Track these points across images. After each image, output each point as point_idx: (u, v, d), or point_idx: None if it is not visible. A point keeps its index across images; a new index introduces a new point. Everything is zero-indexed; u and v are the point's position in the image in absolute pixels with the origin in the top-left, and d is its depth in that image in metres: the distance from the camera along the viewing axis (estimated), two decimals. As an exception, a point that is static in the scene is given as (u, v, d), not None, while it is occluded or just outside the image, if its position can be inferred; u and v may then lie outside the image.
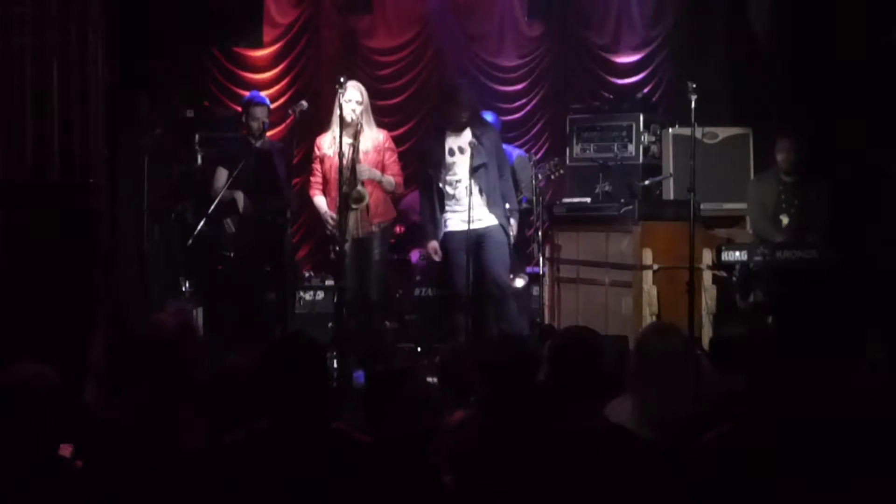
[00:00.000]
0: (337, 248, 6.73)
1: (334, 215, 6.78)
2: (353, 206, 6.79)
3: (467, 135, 7.12)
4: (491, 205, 7.10)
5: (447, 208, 7.12)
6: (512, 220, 7.20)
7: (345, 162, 6.61)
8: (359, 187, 6.78)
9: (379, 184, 6.92)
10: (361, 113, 6.86)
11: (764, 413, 2.54)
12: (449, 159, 7.14)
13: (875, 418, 2.45)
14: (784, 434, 2.51)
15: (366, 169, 6.82)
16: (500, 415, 3.52)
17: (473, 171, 7.04)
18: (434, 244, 7.13)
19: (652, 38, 9.72)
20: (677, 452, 2.92)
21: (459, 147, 7.15)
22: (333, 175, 6.80)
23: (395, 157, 7.09)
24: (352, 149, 6.78)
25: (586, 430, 3.01)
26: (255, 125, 7.20)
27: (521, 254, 7.88)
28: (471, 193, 7.01)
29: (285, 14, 9.26)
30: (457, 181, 7.12)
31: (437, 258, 7.19)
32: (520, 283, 7.81)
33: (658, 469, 2.89)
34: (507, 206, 7.15)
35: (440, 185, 7.12)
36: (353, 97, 6.83)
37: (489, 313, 7.12)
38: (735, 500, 2.58)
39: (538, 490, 2.92)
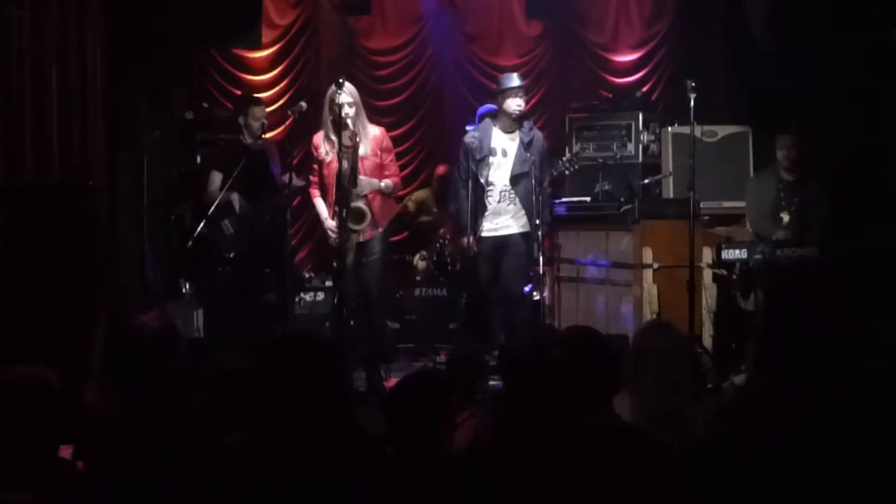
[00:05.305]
0: (340, 257, 6.66)
1: (335, 228, 6.66)
2: (354, 228, 6.65)
3: (515, 137, 6.99)
4: (522, 215, 6.94)
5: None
6: (539, 233, 6.92)
7: (344, 168, 6.52)
8: (360, 204, 6.67)
9: (379, 191, 6.86)
10: (355, 113, 6.73)
11: (761, 411, 2.54)
12: (492, 159, 6.97)
13: (869, 416, 2.46)
14: (782, 432, 2.51)
15: (366, 184, 6.69)
16: (519, 411, 3.50)
17: (514, 178, 6.95)
18: (472, 239, 6.93)
19: (650, 37, 9.73)
20: (678, 449, 2.93)
21: (503, 149, 7.01)
22: (332, 181, 6.70)
23: (392, 156, 6.95)
24: (350, 161, 6.63)
25: (600, 427, 3.00)
26: (255, 125, 7.11)
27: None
28: (507, 200, 6.93)
29: (284, 15, 9.26)
30: (492, 183, 6.98)
31: (472, 254, 6.98)
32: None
33: (666, 467, 2.89)
34: (538, 221, 6.88)
35: (482, 181, 6.94)
36: (344, 100, 6.72)
37: (495, 318, 7.06)
38: (735, 497, 2.58)
39: (550, 487, 2.91)
